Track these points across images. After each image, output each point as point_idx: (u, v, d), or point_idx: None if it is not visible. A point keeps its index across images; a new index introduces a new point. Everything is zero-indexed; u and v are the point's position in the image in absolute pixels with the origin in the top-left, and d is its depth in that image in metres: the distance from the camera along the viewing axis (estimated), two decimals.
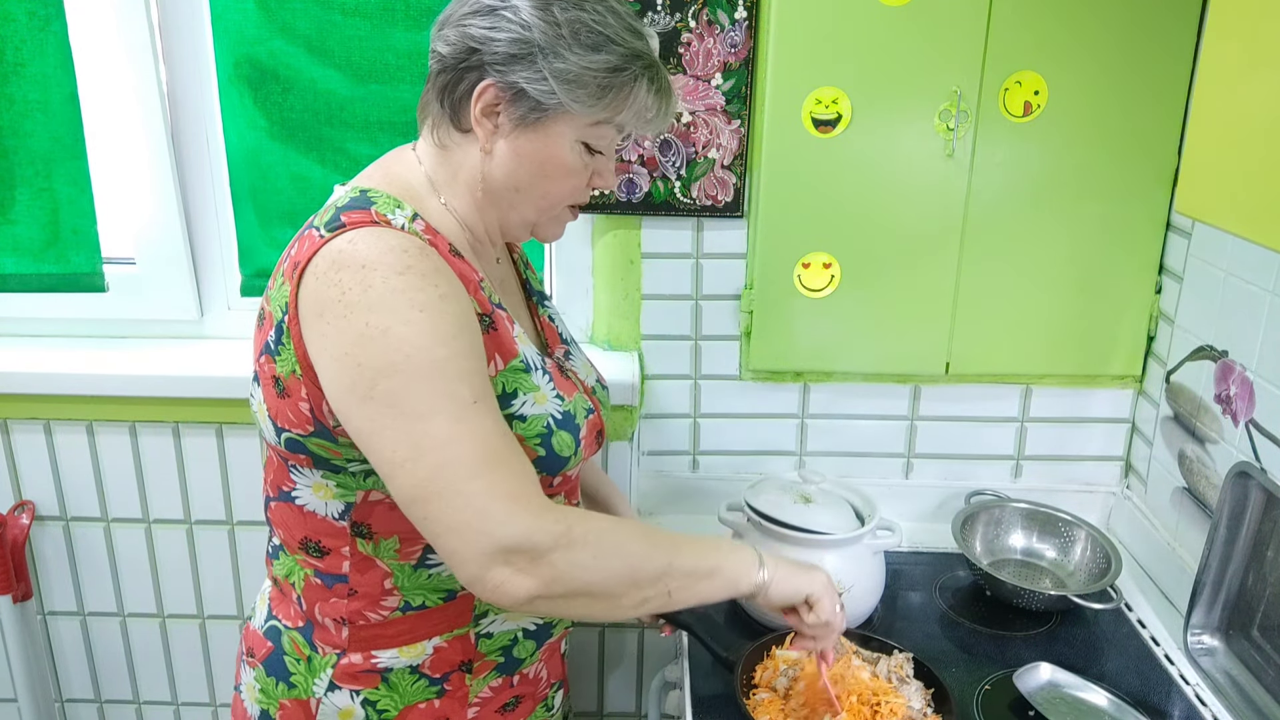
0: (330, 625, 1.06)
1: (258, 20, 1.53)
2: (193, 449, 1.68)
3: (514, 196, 1.04)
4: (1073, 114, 1.48)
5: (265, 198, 1.63)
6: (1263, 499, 1.29)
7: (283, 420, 0.98)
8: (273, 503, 1.08)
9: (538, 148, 1.01)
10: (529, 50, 0.96)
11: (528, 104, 0.98)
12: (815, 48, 1.46)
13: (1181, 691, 1.32)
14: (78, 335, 1.71)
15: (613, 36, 0.98)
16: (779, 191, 1.52)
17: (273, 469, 1.06)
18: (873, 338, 1.60)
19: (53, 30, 1.53)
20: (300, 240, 0.97)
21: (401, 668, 1.06)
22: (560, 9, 0.97)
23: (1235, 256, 1.38)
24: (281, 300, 0.95)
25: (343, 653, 1.06)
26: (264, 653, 1.10)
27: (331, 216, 0.95)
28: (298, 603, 1.08)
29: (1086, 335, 1.60)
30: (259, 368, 1.00)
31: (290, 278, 0.94)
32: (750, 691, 1.24)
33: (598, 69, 0.97)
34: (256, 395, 1.01)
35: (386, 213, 0.96)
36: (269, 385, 0.98)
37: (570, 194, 1.06)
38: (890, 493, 1.70)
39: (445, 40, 1.00)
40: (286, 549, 1.08)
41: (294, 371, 0.95)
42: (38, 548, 1.74)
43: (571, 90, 0.97)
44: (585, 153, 1.03)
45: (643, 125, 1.05)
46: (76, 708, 1.86)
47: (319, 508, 1.03)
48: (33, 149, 1.59)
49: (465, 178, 1.03)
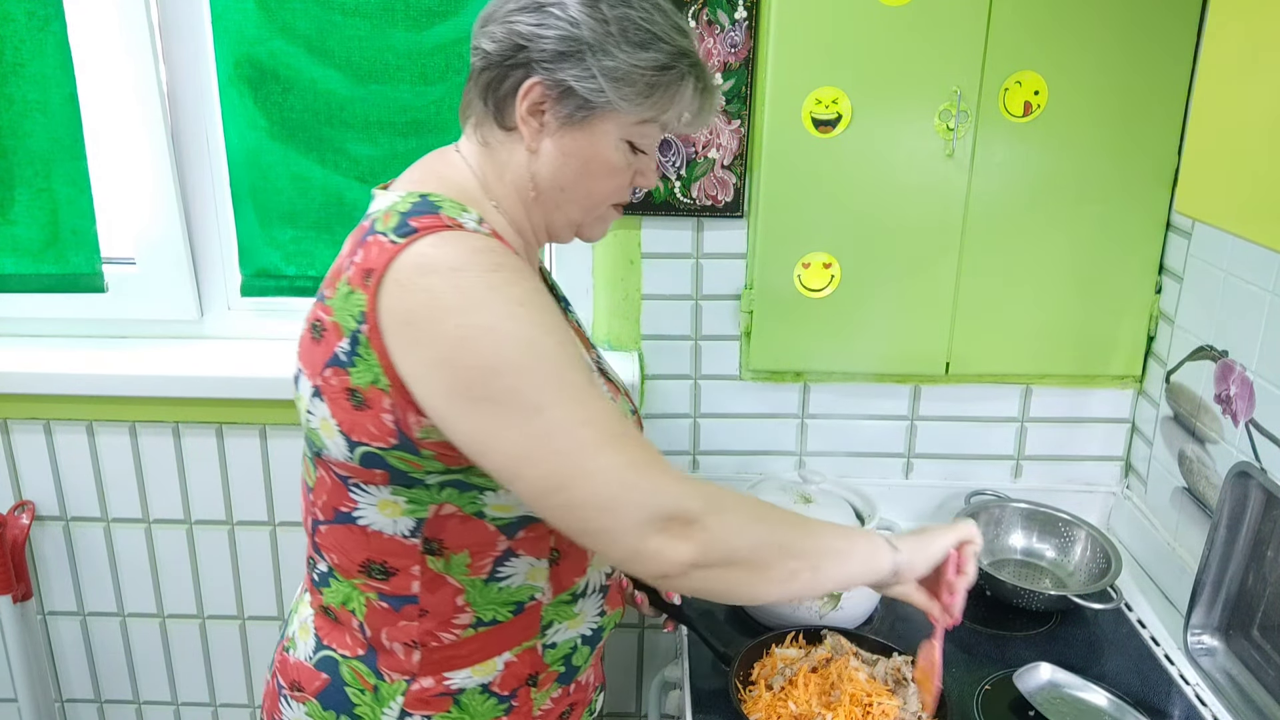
0: (399, 650, 1.02)
1: (258, 20, 1.53)
2: (193, 449, 1.68)
3: (559, 196, 1.02)
4: (1073, 114, 1.48)
5: (265, 198, 1.63)
6: (1263, 499, 1.29)
7: (360, 434, 0.93)
8: (324, 526, 1.02)
9: (583, 146, 0.99)
10: (578, 48, 0.95)
11: (575, 102, 0.97)
12: (815, 48, 1.46)
13: (1181, 691, 1.32)
14: (78, 335, 1.71)
15: (660, 34, 0.97)
16: (779, 191, 1.52)
17: (325, 490, 1.00)
18: (873, 338, 1.60)
19: (52, 30, 1.53)
20: (364, 246, 0.92)
21: (473, 688, 1.03)
22: (609, 6, 0.95)
23: (1235, 256, 1.38)
24: (354, 310, 0.90)
25: (413, 678, 1.02)
26: (318, 686, 1.05)
27: (398, 222, 0.91)
28: (359, 630, 1.03)
29: (1086, 335, 1.60)
30: (322, 382, 0.94)
31: (363, 286, 0.90)
32: (747, 688, 1.24)
33: (646, 67, 0.96)
34: (318, 411, 0.95)
35: (455, 216, 0.93)
36: (340, 398, 0.93)
37: (614, 193, 1.05)
38: (890, 493, 1.70)
39: (490, 37, 0.98)
40: (342, 573, 1.03)
41: (375, 383, 0.90)
42: (38, 548, 1.74)
43: (620, 88, 0.96)
44: (629, 151, 1.02)
45: (686, 124, 1.04)
46: (76, 708, 1.86)
47: (386, 526, 0.98)
48: (32, 149, 1.59)
49: (511, 178, 1.01)
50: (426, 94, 1.57)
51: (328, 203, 1.63)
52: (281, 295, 1.68)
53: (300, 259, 1.66)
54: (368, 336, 0.89)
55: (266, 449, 1.68)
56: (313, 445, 0.99)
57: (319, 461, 1.00)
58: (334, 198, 1.62)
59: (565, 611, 1.07)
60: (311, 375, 0.96)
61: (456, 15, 1.53)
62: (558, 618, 1.07)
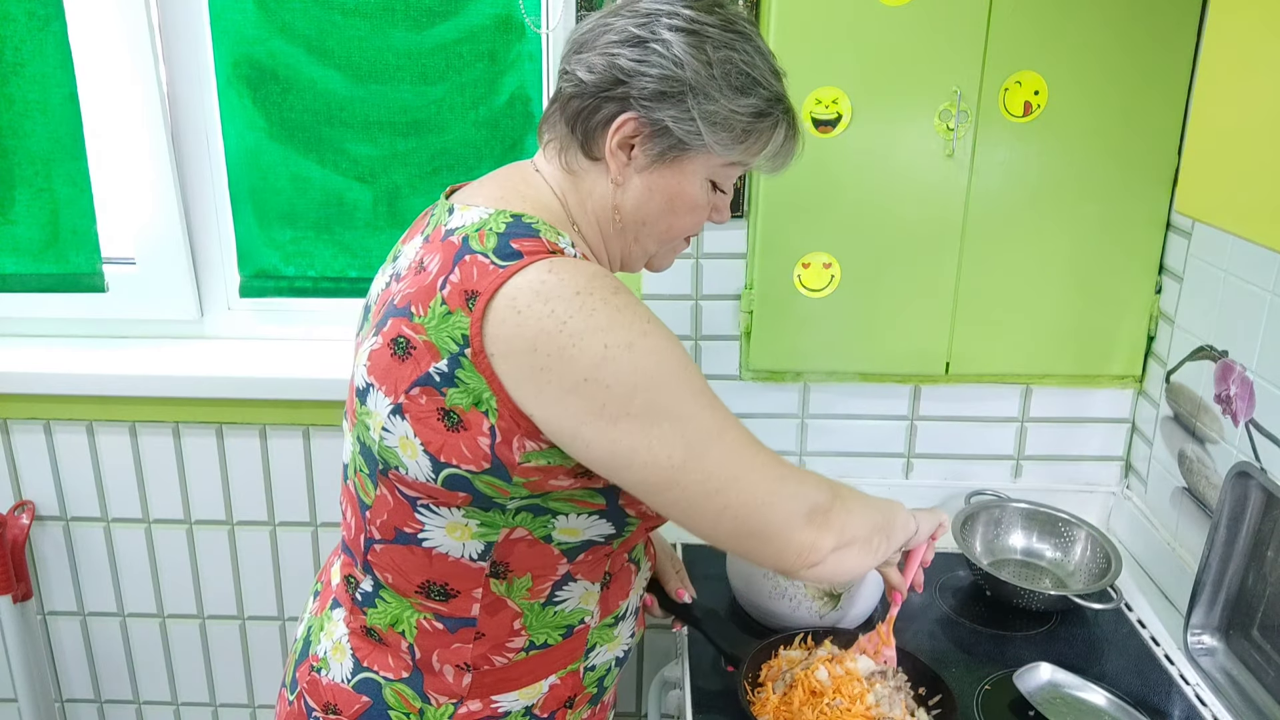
0: (449, 672, 1.02)
1: (257, 20, 1.53)
2: (193, 449, 1.68)
3: (640, 229, 1.02)
4: (1073, 114, 1.48)
5: (265, 198, 1.63)
6: (1263, 499, 1.29)
7: (450, 455, 0.91)
8: (380, 545, 1.00)
9: (670, 184, 0.99)
10: (679, 89, 0.94)
11: (668, 141, 0.96)
12: (815, 48, 1.45)
13: (1181, 691, 1.32)
14: (78, 335, 1.71)
15: (759, 79, 0.96)
16: (779, 191, 1.52)
17: (388, 509, 0.98)
18: (873, 338, 1.60)
19: (52, 30, 1.53)
20: (460, 266, 0.90)
21: (518, 711, 1.04)
22: (713, 48, 0.94)
23: (1235, 256, 1.38)
24: (455, 332, 0.88)
25: (460, 701, 1.02)
26: (357, 709, 1.03)
27: (498, 244, 0.90)
28: (409, 652, 1.02)
29: (1086, 335, 1.60)
30: (408, 400, 0.91)
31: (464, 308, 0.88)
32: (754, 690, 1.24)
33: (744, 113, 0.96)
34: (397, 429, 0.93)
35: (555, 240, 0.92)
36: (431, 419, 0.91)
37: (691, 228, 1.05)
38: (890, 493, 1.68)
39: (588, 66, 0.96)
40: (397, 593, 1.01)
41: (477, 405, 0.89)
42: (38, 548, 1.74)
43: (716, 132, 0.96)
44: (711, 190, 1.02)
45: (771, 167, 1.04)
46: (76, 708, 1.86)
47: (453, 549, 0.97)
48: (32, 149, 1.59)
49: (594, 207, 1.01)
50: (426, 94, 1.57)
51: (327, 203, 1.63)
52: (281, 296, 1.68)
53: (299, 259, 1.66)
54: (472, 360, 0.88)
55: (266, 449, 1.68)
56: (379, 462, 0.96)
57: (383, 479, 0.97)
58: (333, 198, 1.62)
59: (607, 634, 1.08)
60: (391, 393, 0.93)
61: (456, 15, 1.53)
62: (601, 640, 1.08)
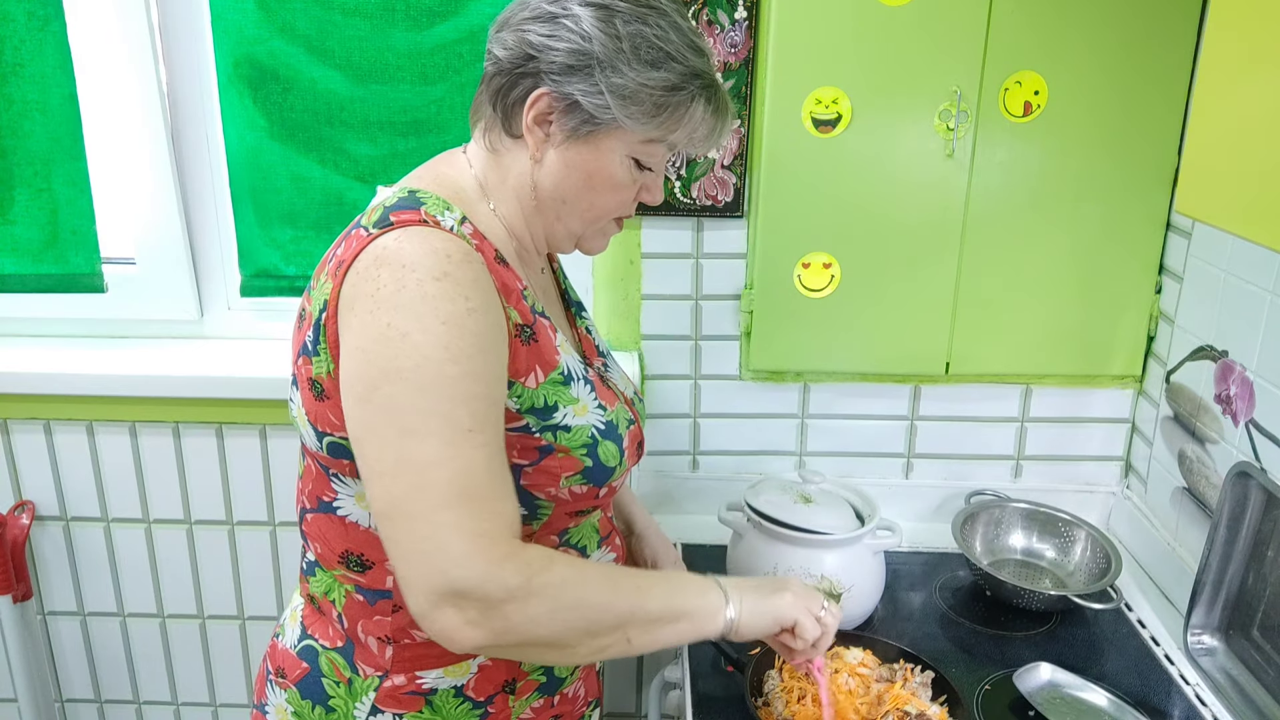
0: (373, 644, 1.02)
1: (258, 20, 1.52)
2: (193, 449, 1.68)
3: (560, 207, 1.02)
4: (1073, 114, 1.48)
5: (265, 198, 1.63)
6: (1263, 499, 1.29)
7: (324, 424, 0.94)
8: (310, 515, 1.03)
9: (587, 160, 0.99)
10: (587, 63, 0.94)
11: (580, 116, 0.96)
12: (815, 48, 1.46)
13: (1181, 691, 1.32)
14: (78, 335, 1.71)
15: (673, 53, 0.96)
16: (779, 191, 1.52)
17: (311, 479, 1.02)
18: (873, 338, 1.60)
19: (52, 30, 1.53)
20: (347, 239, 0.95)
21: (446, 689, 1.03)
22: (623, 22, 0.94)
23: (1235, 256, 1.38)
24: (322, 299, 0.92)
25: (385, 674, 1.02)
26: (298, 674, 1.06)
27: (380, 215, 0.93)
28: (338, 621, 1.04)
29: (1086, 335, 1.60)
30: (297, 370, 0.96)
31: (334, 276, 0.92)
32: (759, 694, 1.25)
33: (655, 86, 0.95)
34: (295, 399, 0.97)
35: (436, 214, 0.93)
36: (306, 388, 0.95)
37: (616, 208, 1.04)
38: (890, 493, 1.70)
39: (502, 44, 0.98)
40: (324, 564, 1.03)
41: (329, 372, 0.92)
42: (38, 548, 1.74)
43: (626, 106, 0.95)
44: (635, 168, 1.01)
45: (695, 145, 1.03)
46: (76, 708, 1.86)
47: (362, 518, 0.99)
48: (31, 149, 1.59)
49: (514, 184, 1.01)
50: (426, 94, 1.57)
51: (327, 203, 1.63)
52: (281, 295, 1.68)
53: (300, 259, 1.66)
54: (326, 325, 0.92)
55: (266, 449, 1.68)
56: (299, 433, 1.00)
57: (305, 449, 1.01)
58: (334, 198, 1.62)
59: None
60: (293, 365, 0.98)
61: (456, 15, 1.53)
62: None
